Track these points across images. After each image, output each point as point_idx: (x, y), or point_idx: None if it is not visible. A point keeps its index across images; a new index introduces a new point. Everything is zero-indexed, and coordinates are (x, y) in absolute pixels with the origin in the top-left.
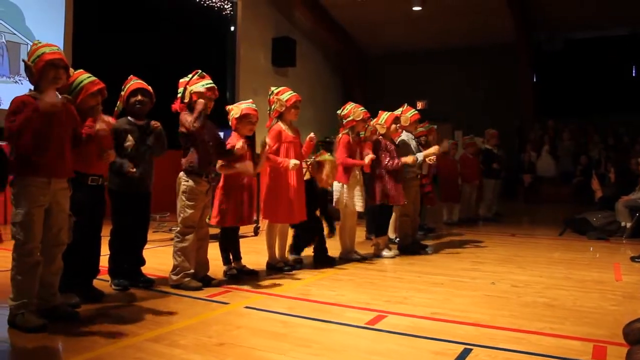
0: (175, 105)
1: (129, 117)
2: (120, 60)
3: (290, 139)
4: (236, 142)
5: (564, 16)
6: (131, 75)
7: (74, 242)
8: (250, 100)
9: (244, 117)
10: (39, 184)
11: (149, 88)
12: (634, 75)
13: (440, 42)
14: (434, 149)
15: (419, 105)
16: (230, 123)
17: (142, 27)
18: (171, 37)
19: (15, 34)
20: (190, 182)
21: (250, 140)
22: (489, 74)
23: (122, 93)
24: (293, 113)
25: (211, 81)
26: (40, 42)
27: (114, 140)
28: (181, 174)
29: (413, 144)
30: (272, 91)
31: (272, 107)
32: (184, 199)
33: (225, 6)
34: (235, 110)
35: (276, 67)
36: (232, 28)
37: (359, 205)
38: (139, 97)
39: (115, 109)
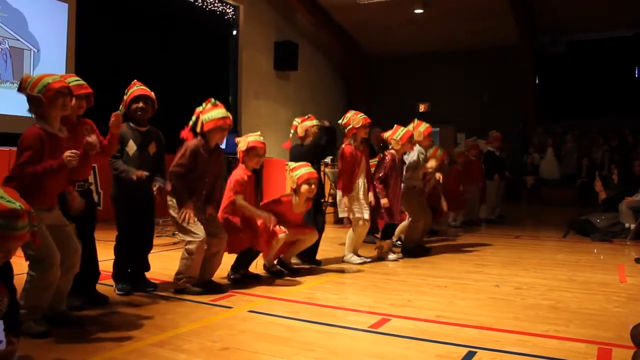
0: (184, 133)
1: (130, 123)
2: (123, 64)
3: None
4: (243, 175)
5: (566, 18)
6: (135, 80)
7: None
8: (259, 133)
9: (250, 150)
10: (41, 213)
11: (152, 94)
12: (637, 76)
13: (442, 45)
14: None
15: (422, 108)
16: (237, 155)
17: (145, 31)
18: (173, 41)
19: (18, 39)
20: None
21: (255, 174)
22: (491, 76)
23: (125, 98)
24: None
25: (224, 110)
26: (33, 76)
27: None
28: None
29: (422, 158)
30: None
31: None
32: (174, 215)
33: (228, 10)
34: (242, 142)
35: (278, 71)
36: (235, 32)
37: (366, 213)
38: (141, 104)
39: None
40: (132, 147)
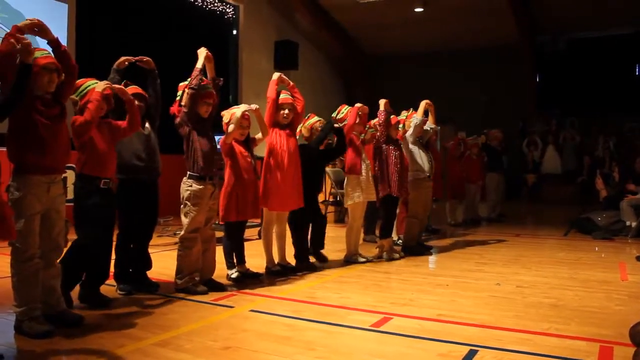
0: (174, 108)
1: None
2: None
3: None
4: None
5: (566, 16)
6: (125, 80)
7: (88, 245)
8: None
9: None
10: (38, 190)
11: (145, 93)
12: (637, 74)
13: (442, 44)
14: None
15: None
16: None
17: (144, 32)
18: (173, 41)
19: None
20: (194, 187)
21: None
22: (492, 75)
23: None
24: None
25: (210, 86)
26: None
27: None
28: (184, 179)
29: (417, 147)
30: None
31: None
32: (188, 204)
33: (227, 10)
34: (226, 115)
35: (278, 71)
36: (235, 32)
37: (372, 195)
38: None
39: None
40: None
